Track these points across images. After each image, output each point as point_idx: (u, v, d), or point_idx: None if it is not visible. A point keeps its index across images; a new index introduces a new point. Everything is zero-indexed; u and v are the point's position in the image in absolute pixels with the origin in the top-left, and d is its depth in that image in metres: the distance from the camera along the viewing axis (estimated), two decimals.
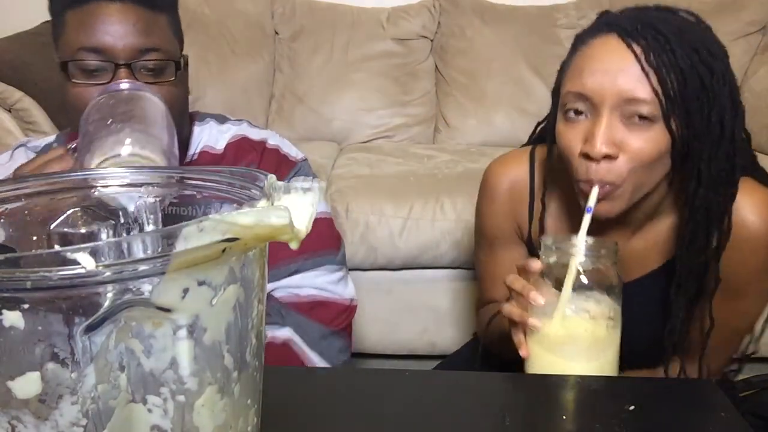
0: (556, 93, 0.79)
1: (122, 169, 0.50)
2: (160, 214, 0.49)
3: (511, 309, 0.71)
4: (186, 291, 0.34)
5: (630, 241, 0.83)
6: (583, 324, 0.68)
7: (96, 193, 0.49)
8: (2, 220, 0.46)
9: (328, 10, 2.21)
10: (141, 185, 0.49)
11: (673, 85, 0.67)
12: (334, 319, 0.90)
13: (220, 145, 0.89)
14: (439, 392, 0.68)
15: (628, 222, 0.81)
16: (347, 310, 0.91)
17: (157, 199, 0.49)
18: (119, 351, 0.35)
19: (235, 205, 0.46)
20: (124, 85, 0.71)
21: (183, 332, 0.35)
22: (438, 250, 1.55)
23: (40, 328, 0.33)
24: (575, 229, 0.77)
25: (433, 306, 1.61)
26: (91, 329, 0.33)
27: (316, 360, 0.87)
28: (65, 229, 0.47)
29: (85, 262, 0.30)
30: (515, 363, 0.75)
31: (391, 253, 1.56)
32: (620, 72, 0.68)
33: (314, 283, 0.88)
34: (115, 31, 0.72)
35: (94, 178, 0.49)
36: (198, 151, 0.89)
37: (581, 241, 0.68)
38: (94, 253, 0.31)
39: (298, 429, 0.59)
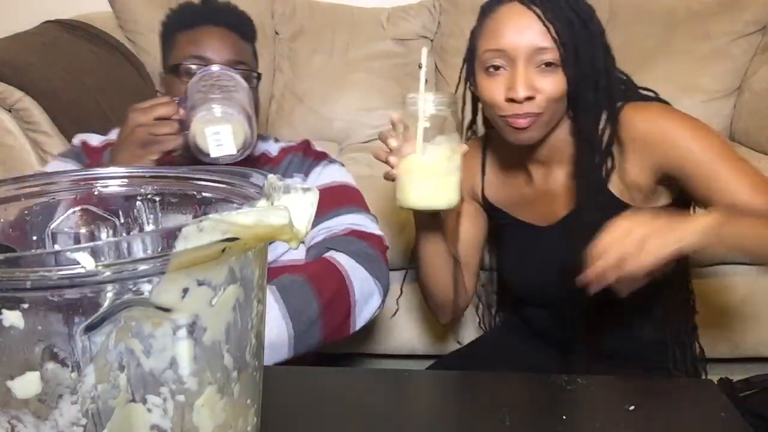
0: (470, 59, 0.94)
1: (122, 169, 0.50)
2: (160, 214, 0.50)
3: (376, 151, 0.91)
4: (186, 291, 0.34)
5: (553, 177, 0.98)
6: (433, 155, 0.84)
7: (96, 192, 0.49)
8: (2, 220, 0.46)
9: (328, 10, 2.21)
10: (141, 185, 0.49)
11: (567, 34, 0.85)
12: (369, 241, 0.99)
13: (274, 153, 1.12)
14: (438, 392, 0.68)
15: (544, 158, 0.97)
16: (381, 241, 1.03)
17: (157, 199, 0.49)
18: (119, 351, 0.35)
19: (235, 205, 0.46)
20: (215, 67, 0.93)
21: (183, 332, 0.35)
22: None
23: (40, 328, 0.33)
24: (511, 185, 1.02)
25: None
26: (90, 329, 0.33)
27: (352, 265, 0.93)
28: (65, 229, 0.47)
29: (85, 262, 0.31)
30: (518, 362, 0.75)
31: (391, 252, 1.55)
32: (528, 28, 0.86)
33: (345, 222, 1.01)
34: (215, 46, 0.97)
35: (94, 178, 0.49)
36: (258, 154, 1.10)
37: (422, 96, 0.84)
38: (94, 253, 0.31)
39: (298, 429, 0.59)
